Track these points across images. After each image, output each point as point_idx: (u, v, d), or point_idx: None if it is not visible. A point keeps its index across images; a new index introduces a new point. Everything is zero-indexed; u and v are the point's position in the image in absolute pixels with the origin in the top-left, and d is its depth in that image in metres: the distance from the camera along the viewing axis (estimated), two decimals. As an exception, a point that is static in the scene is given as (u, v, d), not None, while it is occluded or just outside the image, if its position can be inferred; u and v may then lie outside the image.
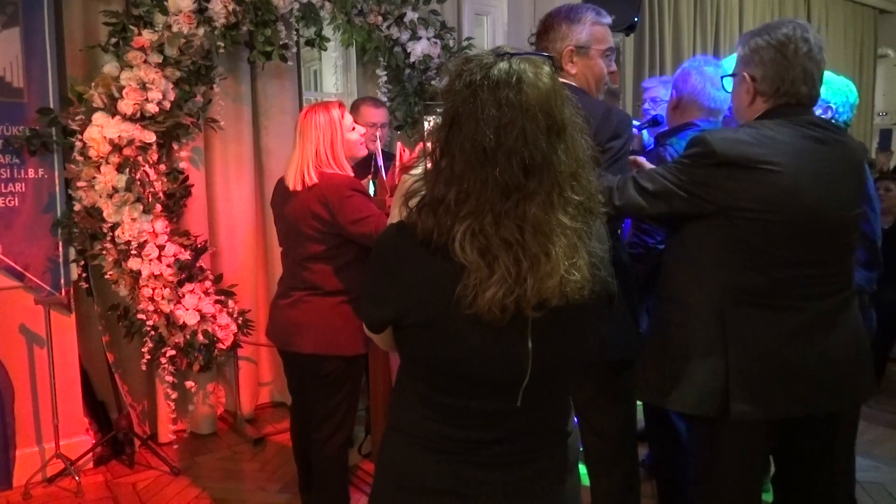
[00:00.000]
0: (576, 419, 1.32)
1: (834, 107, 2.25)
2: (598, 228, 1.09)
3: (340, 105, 2.31)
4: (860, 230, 2.13)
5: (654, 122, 2.69)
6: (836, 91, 2.24)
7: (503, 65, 0.98)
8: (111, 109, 2.98)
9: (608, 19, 1.95)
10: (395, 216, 1.16)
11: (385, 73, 3.83)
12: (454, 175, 0.98)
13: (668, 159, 2.09)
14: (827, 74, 2.30)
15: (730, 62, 2.52)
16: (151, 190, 3.07)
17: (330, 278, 2.21)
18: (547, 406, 1.11)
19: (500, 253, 0.95)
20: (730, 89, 1.80)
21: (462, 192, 0.97)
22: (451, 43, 3.91)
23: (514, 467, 1.09)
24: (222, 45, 3.20)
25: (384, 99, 3.78)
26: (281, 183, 2.34)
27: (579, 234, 1.00)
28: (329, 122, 2.23)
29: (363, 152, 2.37)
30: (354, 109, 3.48)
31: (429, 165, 1.04)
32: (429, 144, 1.05)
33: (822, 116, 2.25)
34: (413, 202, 1.04)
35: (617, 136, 1.82)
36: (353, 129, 2.31)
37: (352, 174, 2.29)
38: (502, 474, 1.08)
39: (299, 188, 2.21)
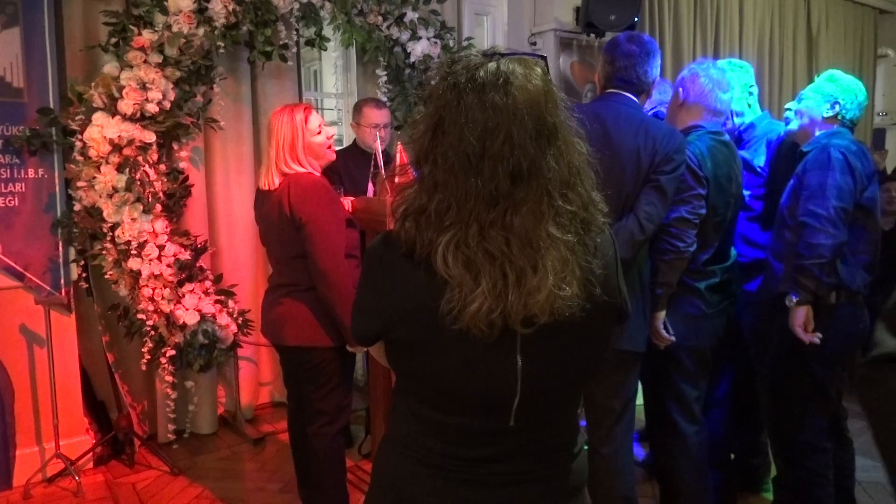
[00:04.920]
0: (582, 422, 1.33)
1: (842, 103, 2.32)
2: (602, 244, 1.02)
3: (307, 108, 2.27)
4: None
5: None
6: (845, 89, 2.33)
7: (491, 65, 0.93)
8: (111, 109, 2.98)
9: None
10: (390, 224, 1.14)
11: (385, 73, 3.83)
12: (436, 184, 0.94)
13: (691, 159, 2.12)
14: (836, 73, 2.39)
15: (731, 65, 2.54)
16: (151, 190, 3.07)
17: (307, 275, 2.21)
18: (545, 426, 1.05)
19: (484, 266, 0.91)
20: None
21: (444, 202, 0.93)
22: (451, 43, 3.91)
23: (508, 488, 1.03)
24: (222, 45, 3.20)
25: (384, 99, 3.78)
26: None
27: (571, 248, 0.94)
28: (290, 124, 2.21)
29: (330, 157, 2.33)
30: (357, 110, 3.49)
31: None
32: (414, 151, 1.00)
33: (830, 112, 2.32)
34: (398, 212, 0.99)
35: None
36: (320, 132, 2.26)
37: (318, 174, 2.27)
38: (496, 495, 1.03)
39: (269, 188, 2.24)
